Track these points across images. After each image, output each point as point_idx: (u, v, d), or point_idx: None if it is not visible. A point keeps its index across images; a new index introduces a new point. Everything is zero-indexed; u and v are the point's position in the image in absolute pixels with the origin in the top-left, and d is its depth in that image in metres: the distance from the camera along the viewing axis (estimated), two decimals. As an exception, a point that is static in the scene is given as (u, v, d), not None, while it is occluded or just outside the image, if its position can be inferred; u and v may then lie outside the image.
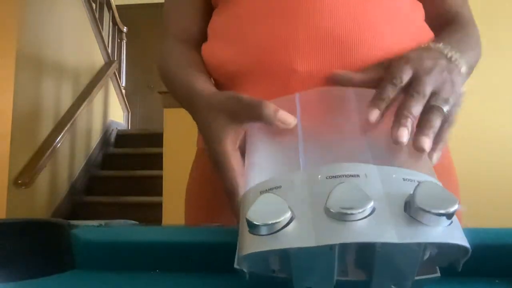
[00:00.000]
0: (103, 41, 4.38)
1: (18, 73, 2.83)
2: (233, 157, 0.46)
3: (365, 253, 0.29)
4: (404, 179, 0.31)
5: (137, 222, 0.53)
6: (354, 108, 0.46)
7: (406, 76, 0.46)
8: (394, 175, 0.31)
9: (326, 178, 0.31)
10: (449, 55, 0.51)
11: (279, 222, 0.28)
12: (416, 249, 0.28)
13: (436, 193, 0.29)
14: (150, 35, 5.69)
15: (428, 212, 0.27)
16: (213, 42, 0.65)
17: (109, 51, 4.58)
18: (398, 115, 0.42)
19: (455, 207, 0.28)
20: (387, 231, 0.27)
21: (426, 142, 0.41)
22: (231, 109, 0.48)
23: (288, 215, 0.29)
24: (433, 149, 0.44)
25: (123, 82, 5.12)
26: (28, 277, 0.41)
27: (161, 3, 0.78)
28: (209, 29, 0.67)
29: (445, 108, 0.45)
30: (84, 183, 3.79)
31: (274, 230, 0.29)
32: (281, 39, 0.56)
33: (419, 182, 0.30)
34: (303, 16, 0.56)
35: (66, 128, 3.38)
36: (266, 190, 0.32)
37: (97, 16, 4.22)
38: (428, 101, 0.45)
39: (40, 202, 3.11)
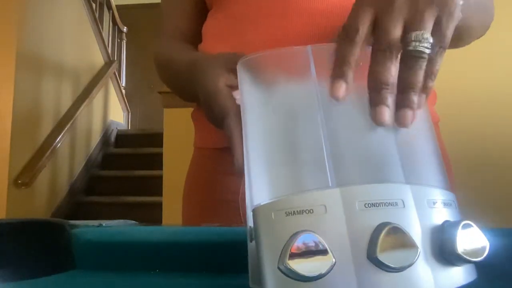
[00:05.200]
0: (103, 41, 4.38)
1: (18, 73, 2.83)
2: (223, 89, 0.47)
3: None
4: (434, 203, 0.31)
5: (137, 222, 0.53)
6: None
7: (363, 24, 0.34)
8: (425, 201, 0.31)
9: (365, 206, 0.29)
10: None
11: (321, 274, 0.26)
12: None
13: (470, 234, 0.30)
14: (150, 35, 5.67)
15: (466, 260, 0.29)
16: (208, 43, 0.66)
17: (109, 51, 4.57)
18: (370, 89, 0.33)
19: (487, 251, 0.29)
20: (428, 281, 0.28)
21: (408, 116, 0.32)
22: (227, 56, 0.50)
23: (330, 264, 0.26)
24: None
25: (123, 82, 5.12)
26: (28, 277, 0.41)
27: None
28: (203, 30, 0.68)
29: (427, 49, 0.33)
30: (84, 183, 3.79)
31: (312, 279, 0.26)
32: (274, 39, 0.56)
33: (457, 224, 0.30)
34: (296, 15, 0.56)
35: (66, 128, 3.38)
36: (294, 212, 0.29)
37: (97, 16, 4.22)
38: (402, 45, 0.33)
39: (40, 202, 3.11)
